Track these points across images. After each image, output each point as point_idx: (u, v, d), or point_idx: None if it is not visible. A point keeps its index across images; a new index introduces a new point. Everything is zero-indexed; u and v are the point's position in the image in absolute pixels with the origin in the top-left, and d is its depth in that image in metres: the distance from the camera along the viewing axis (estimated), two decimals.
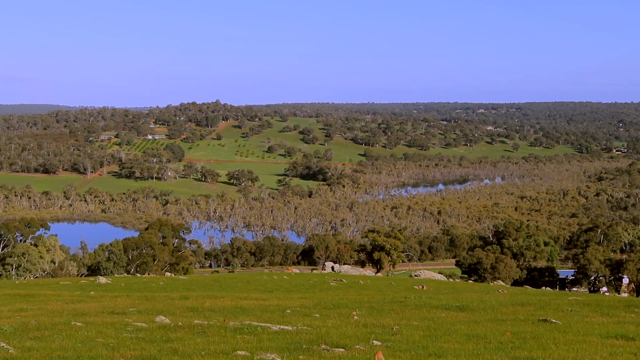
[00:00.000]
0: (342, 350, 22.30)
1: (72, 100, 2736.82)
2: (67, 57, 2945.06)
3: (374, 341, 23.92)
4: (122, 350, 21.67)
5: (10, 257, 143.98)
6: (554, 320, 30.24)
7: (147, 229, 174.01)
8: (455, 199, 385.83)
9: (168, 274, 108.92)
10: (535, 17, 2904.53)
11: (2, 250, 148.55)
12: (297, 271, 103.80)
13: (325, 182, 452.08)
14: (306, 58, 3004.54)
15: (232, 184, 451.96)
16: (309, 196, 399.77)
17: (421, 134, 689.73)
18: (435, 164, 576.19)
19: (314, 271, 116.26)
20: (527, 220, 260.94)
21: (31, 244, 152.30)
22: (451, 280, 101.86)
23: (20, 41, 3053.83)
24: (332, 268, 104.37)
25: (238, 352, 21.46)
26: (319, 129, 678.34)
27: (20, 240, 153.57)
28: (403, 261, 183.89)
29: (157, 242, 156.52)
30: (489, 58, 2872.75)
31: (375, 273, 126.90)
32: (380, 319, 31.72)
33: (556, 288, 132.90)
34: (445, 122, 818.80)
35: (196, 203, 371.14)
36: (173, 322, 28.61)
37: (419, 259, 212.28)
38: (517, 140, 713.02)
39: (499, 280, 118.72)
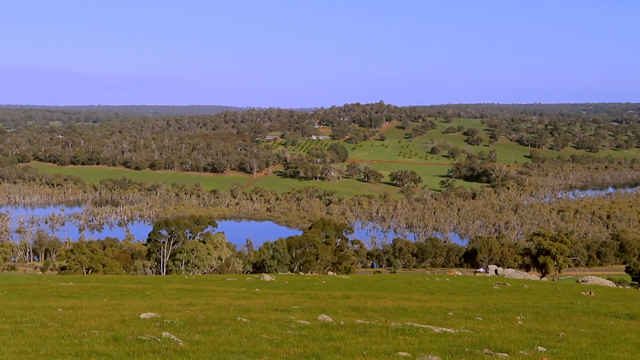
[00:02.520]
0: (506, 355, 21.85)
1: (239, 102, 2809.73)
2: (235, 60, 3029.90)
3: (539, 347, 23.32)
4: (286, 347, 21.97)
5: (180, 253, 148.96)
6: None
7: (310, 228, 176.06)
8: (626, 202, 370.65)
9: (330, 273, 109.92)
10: None
11: (172, 247, 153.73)
12: (460, 273, 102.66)
13: (489, 184, 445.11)
14: (470, 58, 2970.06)
15: (394, 184, 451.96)
16: (473, 198, 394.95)
17: (590, 135, 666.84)
18: (605, 167, 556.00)
19: (477, 274, 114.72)
20: None
21: (200, 241, 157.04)
22: (621, 287, 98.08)
23: (192, 45, 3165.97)
24: (496, 271, 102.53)
25: (399, 352, 21.38)
26: (484, 130, 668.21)
27: (190, 237, 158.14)
28: (569, 266, 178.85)
29: (320, 241, 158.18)
30: None
31: (540, 277, 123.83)
32: (545, 324, 30.89)
33: None
34: (616, 124, 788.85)
35: (359, 203, 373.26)
36: (335, 321, 28.81)
37: (586, 264, 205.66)
38: None
39: None
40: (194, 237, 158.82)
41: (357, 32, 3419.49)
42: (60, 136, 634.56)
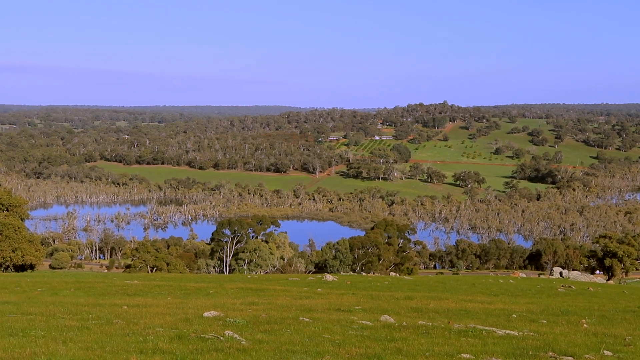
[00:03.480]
0: (571, 358, 21.55)
1: (303, 102, 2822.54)
2: (299, 60, 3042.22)
3: (605, 351, 22.93)
4: (348, 347, 21.96)
5: (243, 252, 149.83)
6: None
7: (372, 228, 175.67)
8: None
9: (392, 273, 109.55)
10: None
11: (235, 246, 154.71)
12: (524, 275, 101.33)
13: (554, 185, 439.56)
14: (536, 58, 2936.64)
15: (458, 185, 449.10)
16: (537, 199, 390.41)
17: None
18: None
19: (541, 276, 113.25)
20: None
21: (262, 241, 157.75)
22: None
23: (255, 46, 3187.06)
24: (560, 274, 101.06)
25: (462, 354, 21.23)
26: (549, 130, 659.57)
27: (252, 237, 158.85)
28: (637, 269, 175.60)
29: (382, 241, 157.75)
30: None
31: (607, 280, 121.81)
32: (611, 328, 30.36)
33: None
34: None
35: (421, 204, 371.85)
36: (397, 322, 28.72)
37: None
38: None
39: None
40: (256, 237, 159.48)
41: (422, 32, 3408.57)
42: (126, 136, 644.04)
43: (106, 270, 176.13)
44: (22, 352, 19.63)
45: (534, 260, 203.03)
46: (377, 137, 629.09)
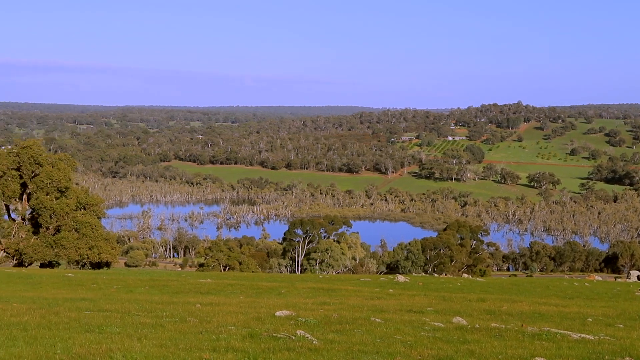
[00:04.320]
0: None
1: (375, 102, 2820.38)
2: (371, 61, 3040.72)
3: None
4: (419, 349, 21.85)
5: (315, 252, 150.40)
6: None
7: (445, 229, 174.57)
8: None
9: (465, 275, 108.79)
10: None
11: (307, 246, 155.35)
12: (599, 278, 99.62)
13: (631, 187, 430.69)
14: (613, 57, 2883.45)
15: (532, 186, 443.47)
16: (614, 201, 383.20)
17: None
18: None
19: (618, 279, 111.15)
20: None
21: (334, 241, 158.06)
22: None
23: (327, 47, 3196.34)
24: (638, 277, 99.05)
25: (536, 358, 20.95)
26: (627, 131, 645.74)
27: (324, 237, 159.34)
28: None
29: (454, 243, 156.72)
30: None
31: None
32: None
33: None
34: None
35: (495, 205, 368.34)
36: (470, 324, 28.47)
37: None
38: None
39: None
40: (328, 237, 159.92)
41: (495, 32, 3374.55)
42: (200, 136, 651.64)
43: (180, 269, 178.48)
44: (98, 348, 20.00)
45: (611, 263, 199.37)
46: (449, 138, 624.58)
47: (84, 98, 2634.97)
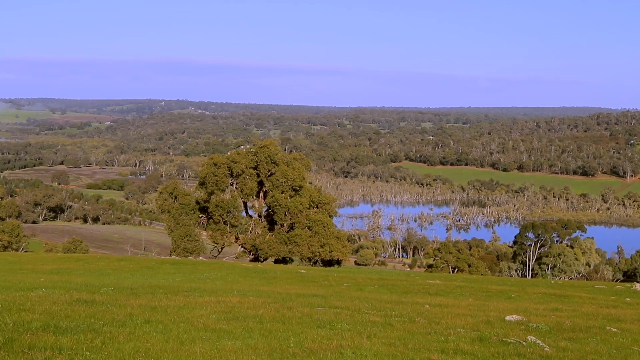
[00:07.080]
0: None
1: (614, 103, 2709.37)
2: (608, 60, 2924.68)
3: None
4: None
5: (547, 257, 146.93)
6: None
7: None
8: None
9: None
10: None
11: (538, 250, 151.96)
12: None
13: None
14: None
15: None
16: None
17: None
18: None
19: None
20: None
21: (567, 245, 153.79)
22: None
23: (562, 45, 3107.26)
24: None
25: None
26: None
27: (557, 241, 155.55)
28: None
29: None
30: None
31: None
32: None
33: None
34: None
35: None
36: None
37: None
38: None
39: None
40: (561, 241, 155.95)
41: None
42: (431, 137, 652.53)
43: (408, 269, 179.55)
44: (329, 344, 20.44)
45: None
46: None
47: (318, 99, 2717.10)
